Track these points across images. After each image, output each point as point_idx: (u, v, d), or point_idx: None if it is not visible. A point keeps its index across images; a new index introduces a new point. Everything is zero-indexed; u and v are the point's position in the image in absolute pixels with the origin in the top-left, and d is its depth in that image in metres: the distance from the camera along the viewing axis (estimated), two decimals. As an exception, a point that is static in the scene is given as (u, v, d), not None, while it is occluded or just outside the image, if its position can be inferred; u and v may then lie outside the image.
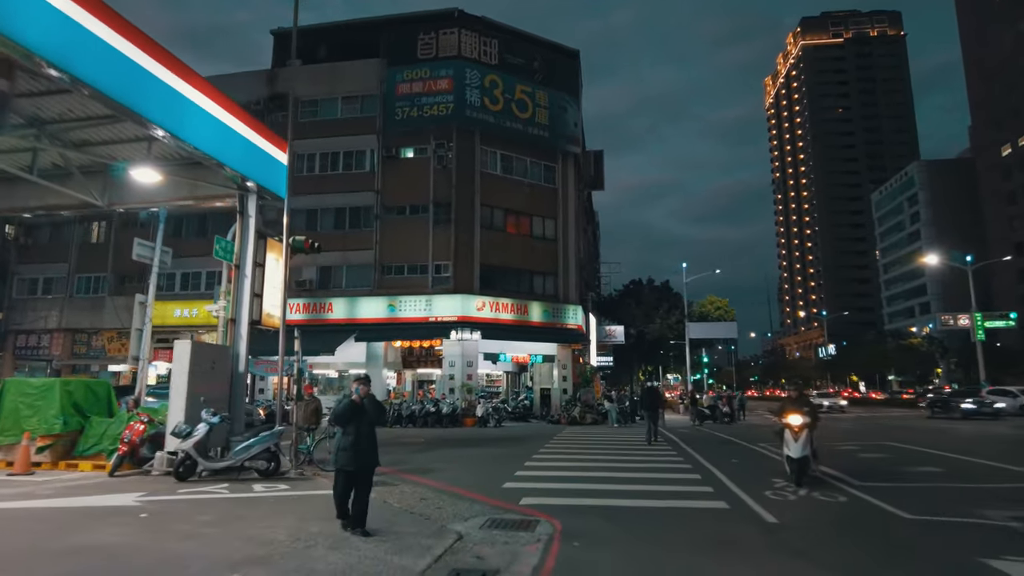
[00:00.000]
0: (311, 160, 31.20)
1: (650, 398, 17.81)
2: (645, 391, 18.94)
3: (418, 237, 28.81)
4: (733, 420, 28.81)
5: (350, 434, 6.39)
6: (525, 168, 31.12)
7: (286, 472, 11.03)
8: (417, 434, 20.86)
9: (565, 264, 31.18)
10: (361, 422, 6.47)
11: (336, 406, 6.61)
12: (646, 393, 18.76)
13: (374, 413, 6.59)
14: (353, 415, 6.44)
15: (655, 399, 17.77)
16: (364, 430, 6.47)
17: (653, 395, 18.18)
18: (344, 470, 6.41)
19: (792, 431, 9.74)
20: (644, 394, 18.67)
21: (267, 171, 13.07)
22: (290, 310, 29.06)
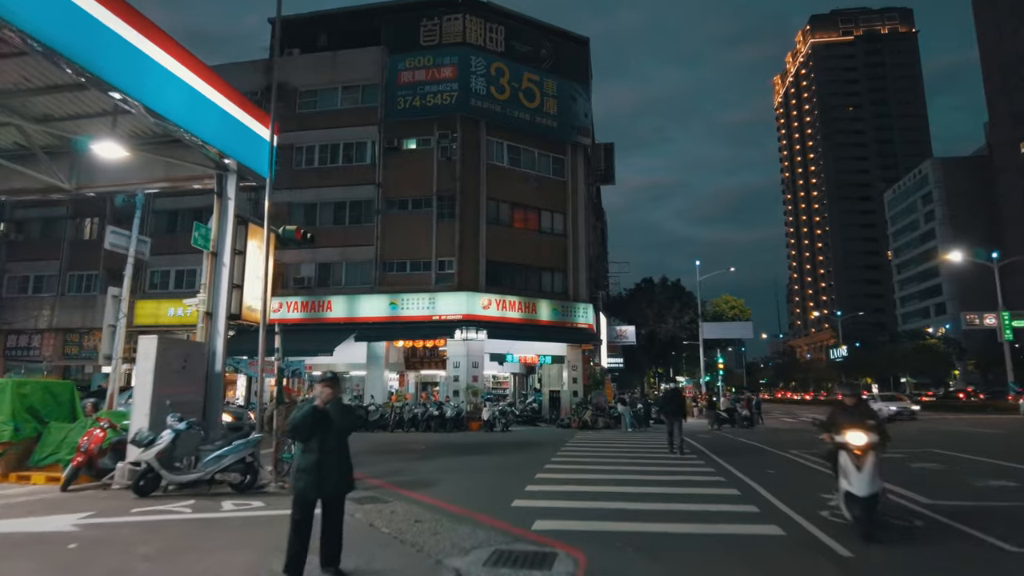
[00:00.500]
0: (310, 152, 29.95)
1: (674, 401, 15.71)
2: (668, 393, 16.89)
3: (421, 232, 27.49)
4: (753, 424, 27.33)
5: (312, 451, 4.95)
6: (533, 160, 29.76)
7: (265, 485, 9.69)
8: (418, 440, 19.49)
9: (575, 260, 29.78)
10: (327, 434, 5.01)
11: (293, 414, 5.20)
12: (669, 396, 16.33)
13: (342, 422, 5.14)
14: (315, 426, 4.98)
15: (679, 402, 15.83)
16: (330, 445, 5.01)
17: (677, 398, 16.06)
18: (305, 498, 4.94)
19: (853, 454, 6.67)
20: (666, 397, 16.46)
21: (248, 148, 11.76)
22: (288, 309, 27.89)
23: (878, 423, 6.94)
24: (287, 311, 27.84)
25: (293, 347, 25.92)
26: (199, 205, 30.37)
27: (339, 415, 5.10)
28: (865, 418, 6.95)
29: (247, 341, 28.30)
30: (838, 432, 6.95)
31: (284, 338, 26.37)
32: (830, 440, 7.09)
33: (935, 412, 41.15)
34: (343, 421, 5.14)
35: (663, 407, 15.79)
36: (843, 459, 6.81)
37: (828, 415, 7.44)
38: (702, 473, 11.53)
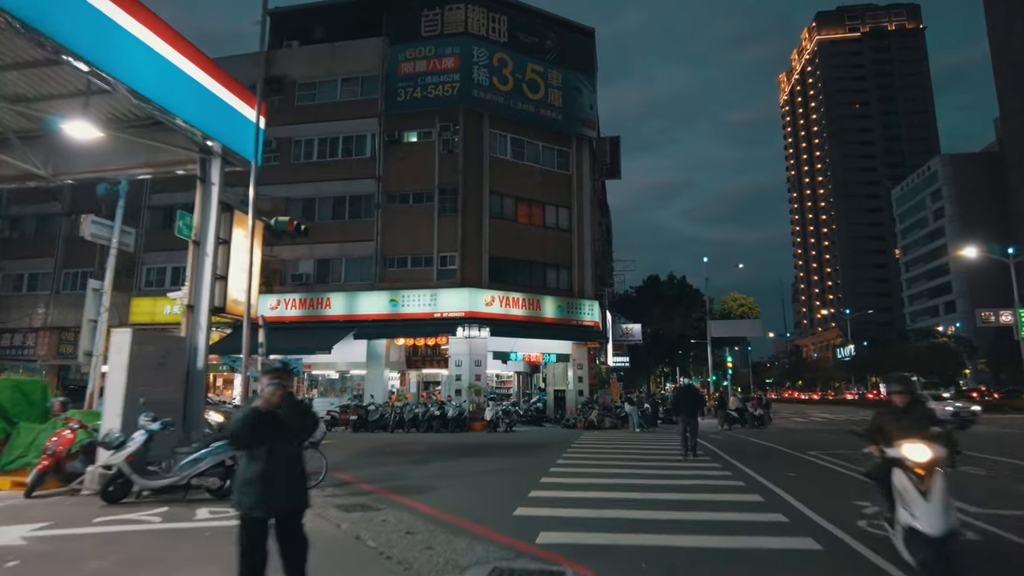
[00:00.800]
0: (309, 146, 29.26)
1: (689, 400, 14.03)
2: (682, 391, 15.06)
3: (422, 227, 26.76)
4: (764, 424, 26.51)
5: (258, 459, 3.97)
6: (537, 153, 28.99)
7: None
8: (418, 441, 18.75)
9: (580, 256, 29.00)
10: (276, 441, 4.04)
11: (233, 417, 4.33)
12: (683, 394, 14.54)
13: (295, 423, 4.19)
14: (259, 429, 4.00)
15: (694, 400, 14.17)
16: (280, 452, 4.03)
17: (693, 396, 14.37)
18: (251, 519, 3.93)
19: (914, 474, 4.95)
20: (680, 395, 14.62)
21: (233, 129, 10.99)
22: (285, 306, 27.19)
23: (944, 430, 5.20)
24: (285, 308, 27.15)
25: (290, 345, 25.30)
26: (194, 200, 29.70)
27: (292, 415, 4.16)
28: (924, 424, 5.19)
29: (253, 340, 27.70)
30: (888, 443, 5.26)
31: (281, 336, 25.75)
32: (879, 453, 5.38)
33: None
34: (296, 422, 4.19)
35: (676, 406, 14.47)
36: (900, 480, 5.06)
37: (873, 420, 5.71)
38: (719, 477, 10.74)
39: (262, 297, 28.34)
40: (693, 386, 16.29)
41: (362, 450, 15.52)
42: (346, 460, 13.25)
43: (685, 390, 14.92)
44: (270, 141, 29.06)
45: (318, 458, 9.93)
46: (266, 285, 28.11)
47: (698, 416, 14.36)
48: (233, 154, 11.27)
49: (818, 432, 23.00)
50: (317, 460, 9.93)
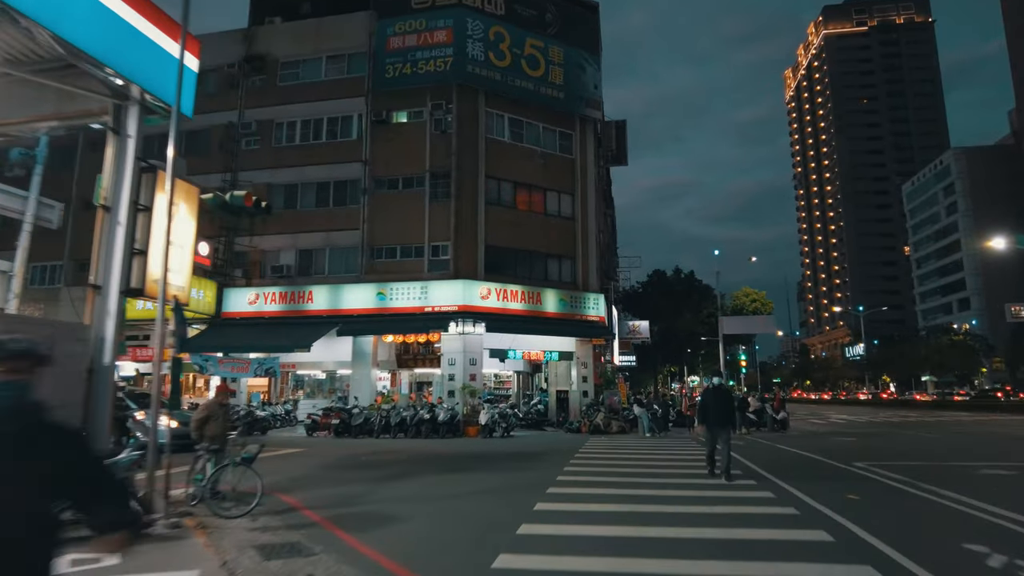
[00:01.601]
0: (291, 128, 27.15)
1: (720, 404, 10.67)
2: (712, 393, 11.08)
3: (412, 214, 24.63)
4: (785, 427, 24.29)
5: None
6: (537, 135, 26.82)
7: (151, 524, 6.82)
8: (402, 449, 16.58)
9: (584, 246, 26.82)
10: None
11: None
12: (715, 397, 10.85)
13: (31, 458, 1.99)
14: None
15: (728, 406, 10.85)
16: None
17: (725, 400, 10.89)
18: None
19: None
20: (711, 399, 10.89)
21: (152, 68, 8.82)
22: (265, 300, 25.08)
23: None
24: (264, 303, 25.05)
25: (267, 342, 23.22)
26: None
27: (21, 446, 2.01)
28: None
29: (223, 336, 25.61)
30: None
31: (259, 333, 23.62)
32: None
33: (978, 413, 37.94)
34: (32, 455, 2.01)
35: (704, 414, 10.82)
36: None
37: None
38: (762, 502, 8.53)
39: (241, 291, 26.35)
40: (725, 387, 12.54)
41: (333, 461, 13.38)
42: (307, 475, 11.12)
43: (715, 393, 11.05)
44: (250, 123, 27.03)
45: (251, 477, 7.83)
46: (245, 278, 26.09)
47: (732, 427, 11.05)
48: (157, 101, 9.11)
49: (846, 436, 20.78)
50: (251, 479, 7.83)
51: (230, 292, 25.68)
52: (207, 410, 8.73)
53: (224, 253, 26.17)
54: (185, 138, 28.67)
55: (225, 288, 25.76)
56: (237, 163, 26.95)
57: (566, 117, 27.46)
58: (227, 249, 26.23)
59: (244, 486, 7.82)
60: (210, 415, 8.63)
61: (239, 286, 25.85)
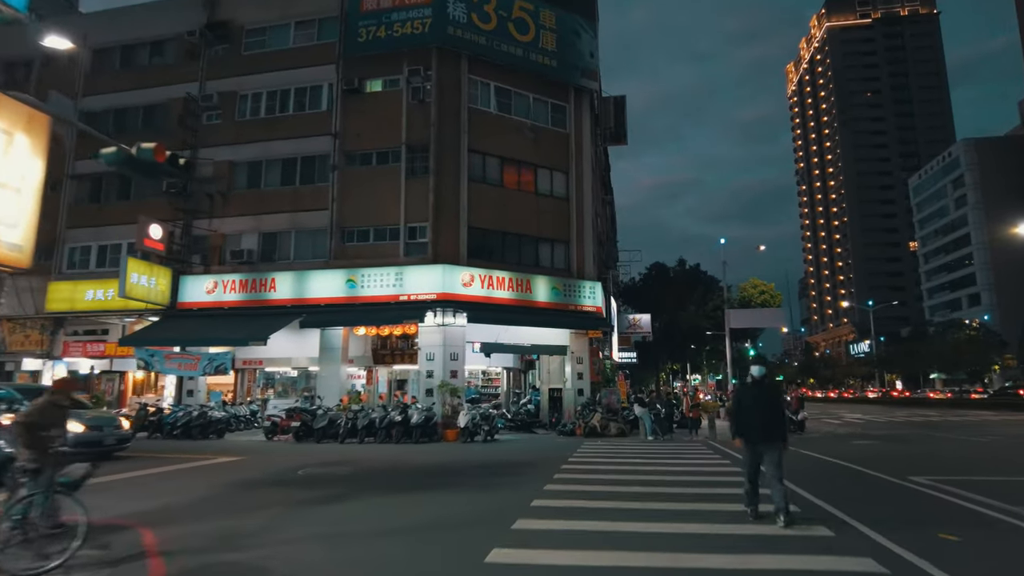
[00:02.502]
0: (256, 100, 24.60)
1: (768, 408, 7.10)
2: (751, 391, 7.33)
3: (387, 192, 22.09)
4: (804, 428, 21.77)
5: None
6: (527, 106, 24.25)
7: None
8: (358, 459, 14.03)
9: (579, 229, 24.27)
10: None
11: None
12: (757, 397, 7.23)
13: None
14: None
15: (778, 410, 7.20)
16: None
17: (773, 401, 7.24)
18: None
19: None
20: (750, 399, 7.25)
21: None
22: (224, 289, 22.51)
23: None
24: (223, 291, 22.49)
25: (219, 335, 20.69)
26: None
27: None
28: None
29: (177, 328, 23.00)
30: None
31: (215, 324, 21.05)
32: None
33: (1003, 412, 35.43)
34: None
35: (742, 422, 7.19)
36: None
37: None
38: (828, 546, 5.97)
39: (198, 279, 23.74)
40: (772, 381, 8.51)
41: (261, 475, 10.85)
42: (207, 498, 8.58)
43: (756, 390, 7.27)
44: (211, 95, 24.51)
45: (70, 508, 5.32)
46: (204, 265, 23.57)
47: (783, 443, 7.05)
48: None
49: (871, 438, 18.25)
50: (69, 509, 5.33)
51: (187, 280, 23.15)
52: (35, 414, 6.17)
53: (182, 237, 23.66)
54: (141, 113, 26.31)
55: (182, 276, 23.24)
56: (197, 139, 24.44)
57: (559, 87, 24.89)
58: (185, 233, 23.72)
59: (64, 516, 5.33)
60: (37, 421, 6.07)
61: (197, 273, 23.33)
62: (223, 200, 23.87)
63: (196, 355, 20.41)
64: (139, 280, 21.31)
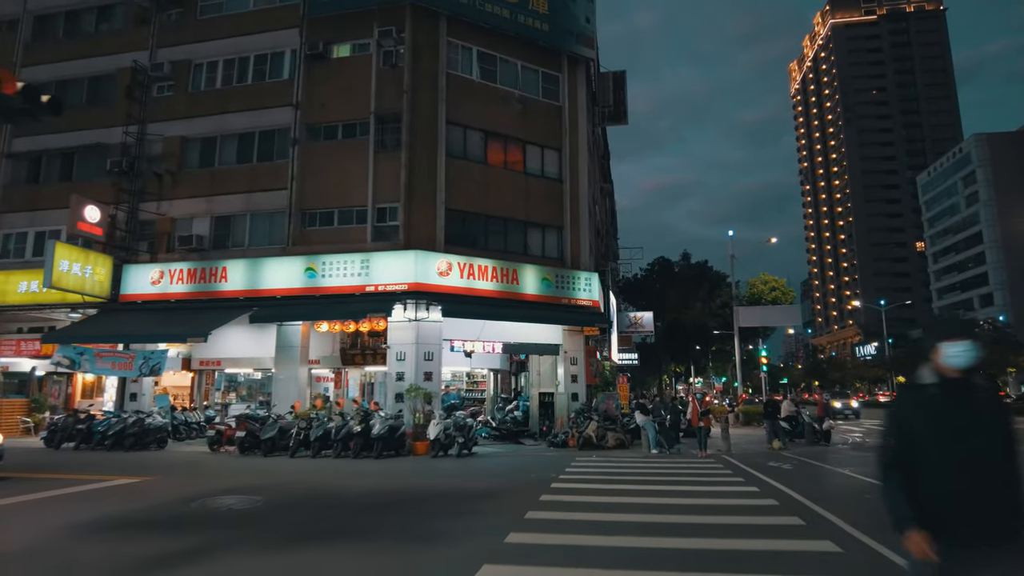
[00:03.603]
0: (211, 70, 21.96)
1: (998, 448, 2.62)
2: (948, 401, 2.68)
3: (354, 169, 19.39)
4: (828, 439, 19.06)
5: None
6: (515, 75, 21.56)
7: None
8: (288, 482, 11.32)
9: (575, 213, 21.56)
10: None
11: None
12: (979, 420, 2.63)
13: None
14: None
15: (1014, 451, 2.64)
16: None
17: (1006, 429, 2.65)
18: None
19: None
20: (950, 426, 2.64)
21: None
22: (171, 279, 19.71)
23: None
24: (170, 282, 19.78)
25: (155, 331, 18.01)
26: (69, 145, 22.57)
27: None
28: None
29: (116, 324, 20.17)
30: None
31: (155, 319, 18.33)
32: None
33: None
34: None
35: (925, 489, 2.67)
36: None
37: None
38: None
39: (144, 268, 20.90)
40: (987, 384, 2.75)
41: (147, 505, 8.16)
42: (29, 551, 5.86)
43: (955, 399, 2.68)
44: (162, 64, 21.85)
45: None
46: (150, 253, 20.90)
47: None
48: None
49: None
50: None
51: (131, 270, 20.46)
52: None
53: (127, 222, 20.99)
54: (86, 85, 23.63)
55: (125, 265, 20.55)
56: (146, 113, 21.79)
57: (551, 55, 22.20)
58: (130, 217, 21.04)
59: None
60: None
61: (143, 262, 20.64)
62: (173, 180, 21.20)
63: (130, 354, 17.71)
64: (70, 268, 18.63)
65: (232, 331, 20.98)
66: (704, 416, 16.82)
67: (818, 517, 7.52)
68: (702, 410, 17.33)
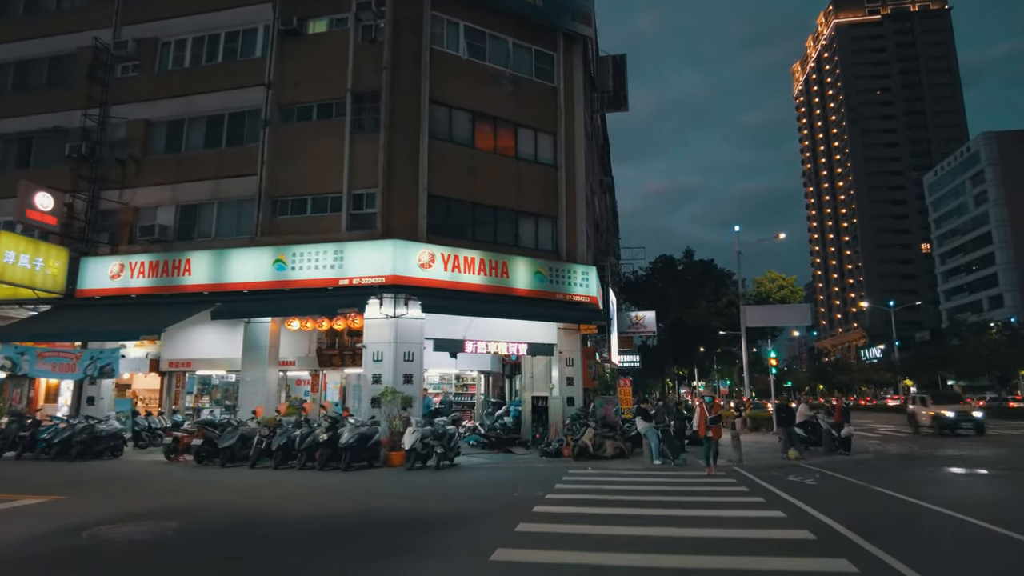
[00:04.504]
0: (180, 48, 20.38)
1: None
2: None
3: (329, 152, 17.77)
4: (848, 447, 17.34)
5: None
6: (506, 53, 19.94)
7: None
8: (225, 500, 9.68)
9: (570, 202, 19.91)
10: None
11: None
12: None
13: None
14: None
15: None
16: None
17: None
18: None
19: None
20: None
21: None
22: (131, 272, 17.98)
23: None
24: (130, 276, 18.15)
25: (105, 328, 16.37)
26: (27, 129, 20.97)
27: None
28: None
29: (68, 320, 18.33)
30: None
31: (114, 316, 16.57)
32: None
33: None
34: None
35: None
36: None
37: None
38: None
39: (103, 261, 19.22)
40: None
41: (33, 536, 6.50)
42: None
43: None
44: (126, 43, 20.26)
45: None
46: (111, 244, 19.29)
47: None
48: None
49: (958, 460, 13.75)
50: None
51: (89, 263, 18.84)
52: None
53: (86, 212, 19.38)
54: (47, 66, 22.03)
55: (84, 257, 18.93)
56: (108, 95, 20.22)
57: (545, 32, 20.58)
58: (90, 207, 19.43)
59: None
60: None
61: (102, 255, 19.02)
62: (136, 167, 19.61)
63: (76, 354, 16.08)
64: (17, 260, 17.02)
65: (202, 330, 19.42)
66: (713, 424, 14.20)
67: (870, 558, 5.85)
68: (711, 417, 14.38)
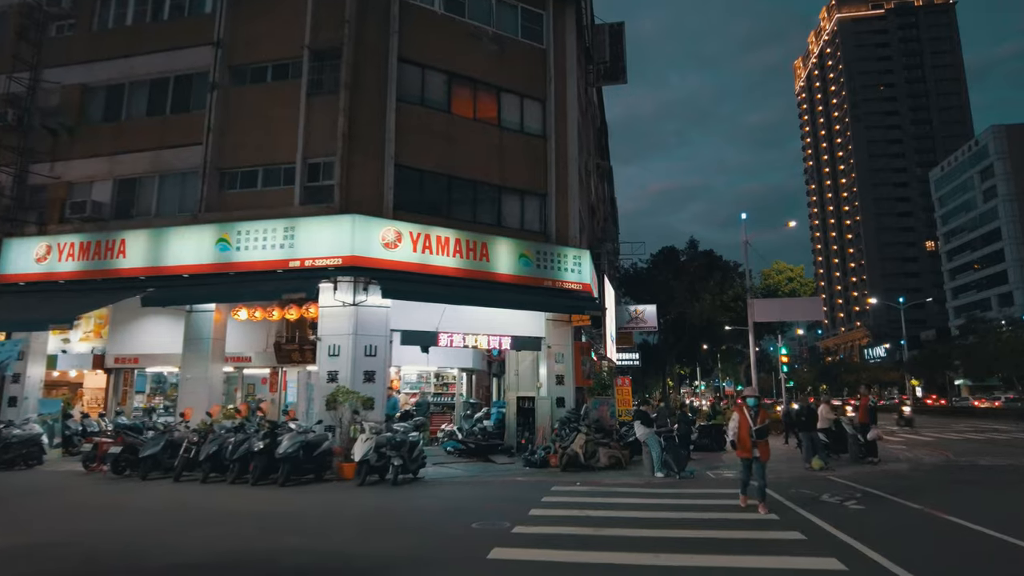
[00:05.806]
0: (121, 5, 18.13)
1: None
2: None
3: (283, 117, 15.50)
4: (875, 454, 15.11)
5: None
6: (488, 8, 17.67)
7: None
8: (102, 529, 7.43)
9: (561, 177, 17.64)
10: None
11: None
12: None
13: None
14: None
15: None
16: None
17: None
18: None
19: None
20: None
21: None
22: (59, 255, 15.66)
23: None
24: (59, 259, 15.87)
25: (13, 316, 14.11)
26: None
27: None
28: None
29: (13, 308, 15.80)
30: None
31: (13, 303, 14.58)
32: None
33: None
34: None
35: None
36: None
37: None
38: None
39: (29, 242, 17.02)
40: None
41: None
42: None
43: None
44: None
45: None
46: (39, 224, 17.01)
47: None
48: None
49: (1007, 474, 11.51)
50: None
51: (12, 244, 16.57)
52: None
53: (13, 188, 17.13)
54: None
55: (7, 239, 16.67)
56: (41, 57, 17.95)
57: (534, -12, 18.33)
58: (17, 182, 17.17)
59: None
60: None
61: (29, 235, 16.76)
62: (70, 137, 17.35)
63: (-19, 347, 13.82)
64: (-77, 240, 14.76)
65: (150, 322, 17.27)
66: (761, 440, 8.98)
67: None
68: (756, 427, 8.98)
